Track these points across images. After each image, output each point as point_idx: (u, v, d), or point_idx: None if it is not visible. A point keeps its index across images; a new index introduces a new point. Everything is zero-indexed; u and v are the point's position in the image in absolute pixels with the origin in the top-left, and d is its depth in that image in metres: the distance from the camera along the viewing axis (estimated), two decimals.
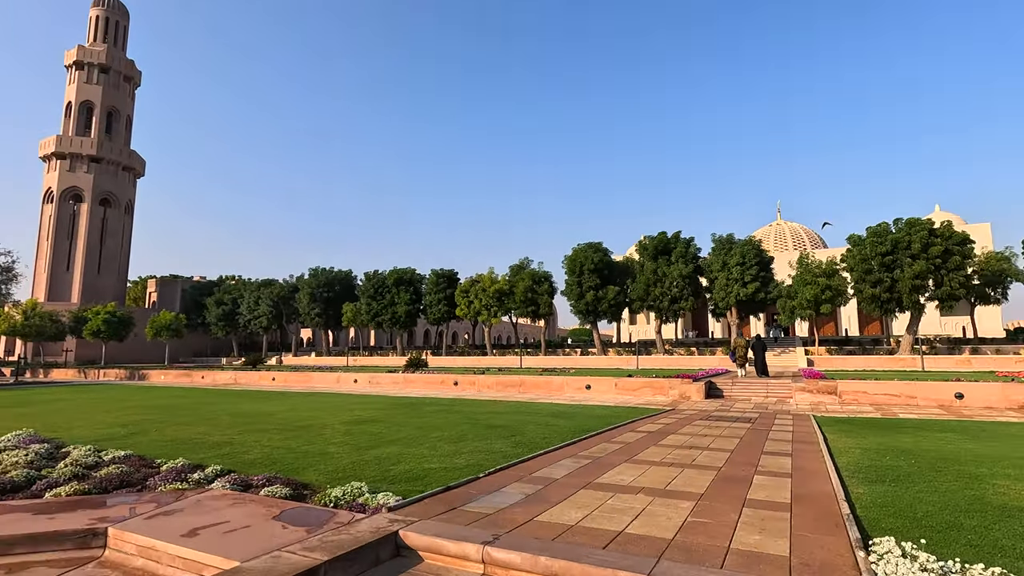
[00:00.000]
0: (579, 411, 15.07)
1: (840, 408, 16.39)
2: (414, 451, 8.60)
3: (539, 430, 10.95)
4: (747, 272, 44.66)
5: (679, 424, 12.21)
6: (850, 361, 41.11)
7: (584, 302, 51.71)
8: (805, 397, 18.14)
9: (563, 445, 9.03)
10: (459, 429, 11.09)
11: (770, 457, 7.97)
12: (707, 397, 19.75)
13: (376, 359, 63.05)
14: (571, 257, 53.32)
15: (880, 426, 11.92)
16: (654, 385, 20.48)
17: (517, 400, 19.02)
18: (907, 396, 16.82)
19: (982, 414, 14.43)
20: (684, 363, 45.39)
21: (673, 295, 48.32)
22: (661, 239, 50.16)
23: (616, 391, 21.10)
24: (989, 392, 15.90)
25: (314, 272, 70.85)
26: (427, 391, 23.85)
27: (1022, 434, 10.56)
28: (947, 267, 38.72)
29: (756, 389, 20.66)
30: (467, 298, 58.50)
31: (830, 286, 42.24)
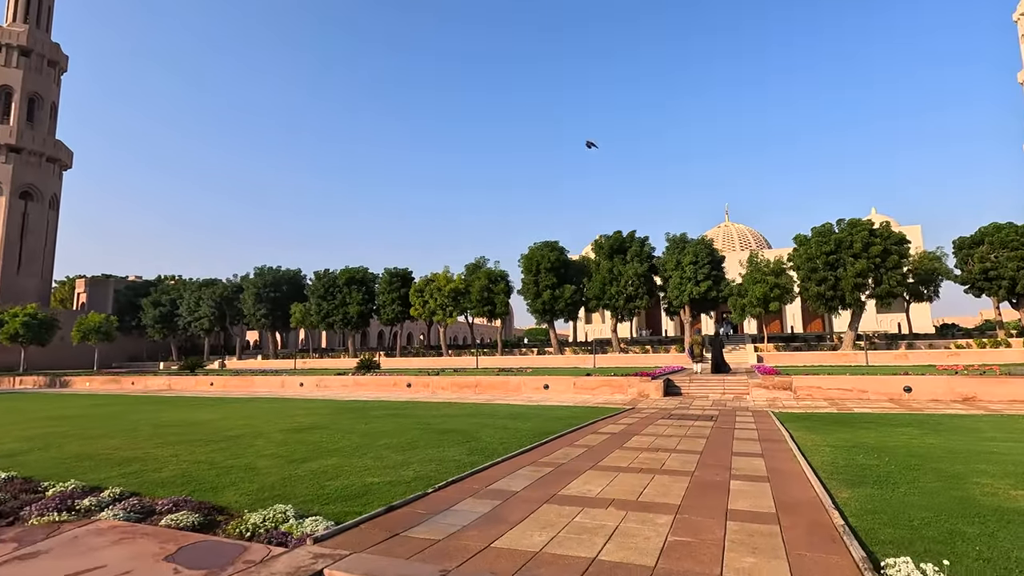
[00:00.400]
0: (538, 412, 14.41)
1: (796, 404, 16.40)
2: (356, 462, 7.67)
3: (496, 434, 10.20)
4: (700, 271, 45.38)
5: (642, 424, 11.72)
6: (797, 357, 42.36)
7: (541, 301, 51.37)
8: (761, 393, 18.15)
9: (522, 451, 8.30)
10: (409, 435, 10.19)
11: (742, 459, 7.49)
12: (666, 395, 19.52)
13: (327, 361, 60.74)
14: (527, 256, 52.90)
15: (840, 421, 11.78)
16: (612, 384, 20.09)
17: (473, 402, 18.20)
18: (859, 390, 17.02)
19: (930, 406, 14.65)
20: (640, 361, 45.69)
21: (629, 294, 48.59)
22: (617, 238, 50.40)
23: (574, 390, 20.61)
24: (935, 385, 16.25)
25: (260, 271, 67.69)
26: (378, 394, 22.69)
27: (976, 427, 10.58)
28: (886, 266, 40.43)
29: (713, 386, 20.60)
30: (422, 298, 57.16)
31: (778, 284, 43.42)
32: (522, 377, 22.16)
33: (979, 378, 15.95)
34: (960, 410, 13.81)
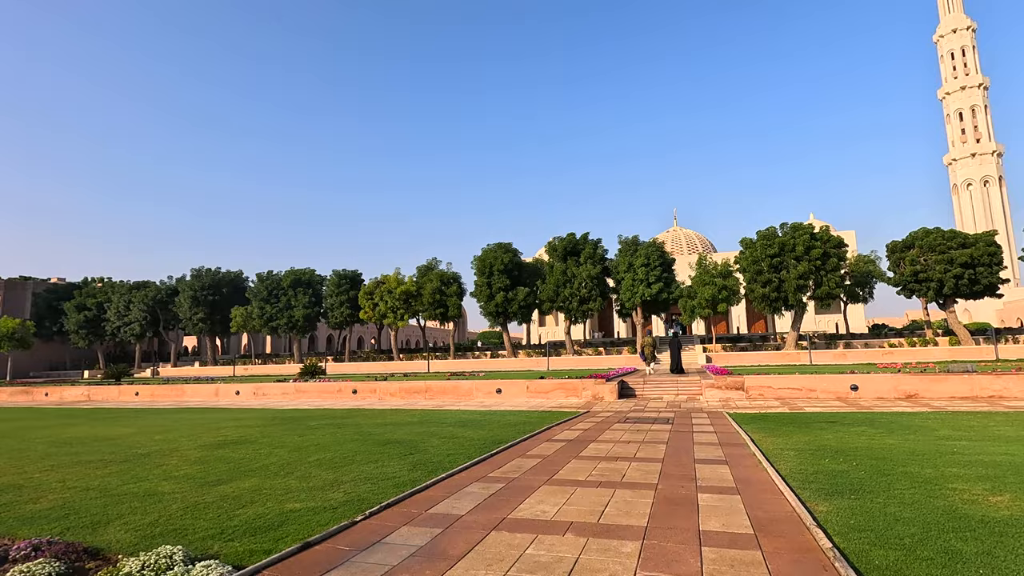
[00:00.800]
0: (490, 418, 13.66)
1: (749, 404, 16.34)
2: (279, 484, 6.69)
3: (443, 445, 9.38)
4: (652, 273, 45.83)
5: (598, 429, 11.17)
6: (744, 357, 43.38)
7: (494, 303, 50.66)
8: (715, 393, 18.06)
9: (471, 464, 7.53)
10: (346, 448, 9.23)
11: (706, 467, 6.99)
12: (620, 397, 19.18)
13: (271, 367, 57.90)
14: (481, 258, 52.10)
15: (795, 422, 11.61)
16: (567, 387, 19.59)
17: (422, 408, 17.26)
18: (807, 389, 17.16)
19: (877, 405, 14.84)
20: (593, 363, 45.69)
21: (582, 296, 48.57)
22: (570, 240, 50.34)
23: (528, 394, 19.98)
24: (880, 384, 16.54)
25: (197, 273, 63.93)
26: (321, 401, 21.35)
27: (927, 425, 10.58)
28: (826, 268, 41.95)
29: (667, 387, 20.44)
30: (372, 300, 55.36)
31: (726, 286, 44.37)
32: (474, 381, 21.35)
33: (921, 376, 16.34)
34: (906, 408, 14.00)
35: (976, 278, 39.16)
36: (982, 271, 39.18)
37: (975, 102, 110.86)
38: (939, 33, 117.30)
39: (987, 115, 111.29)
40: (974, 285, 39.42)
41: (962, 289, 39.56)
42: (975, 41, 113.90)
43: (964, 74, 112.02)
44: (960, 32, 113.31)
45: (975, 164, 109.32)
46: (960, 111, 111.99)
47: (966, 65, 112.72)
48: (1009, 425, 10.19)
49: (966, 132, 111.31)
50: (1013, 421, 10.79)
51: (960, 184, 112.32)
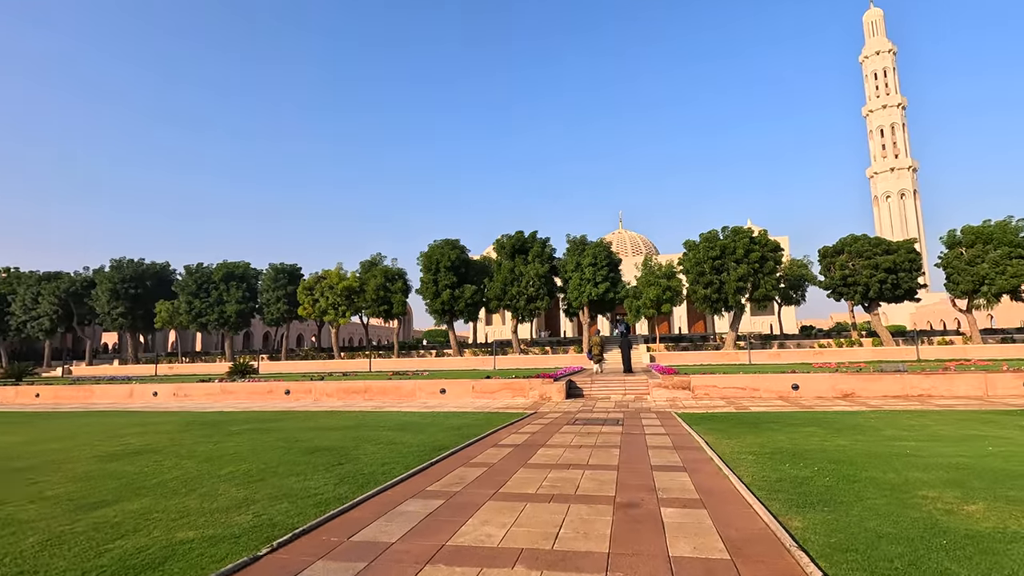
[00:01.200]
0: (432, 421, 12.81)
1: (696, 403, 16.26)
2: (175, 504, 5.64)
3: (378, 452, 8.48)
4: (599, 272, 46.08)
5: (547, 432, 10.57)
6: (686, 356, 44.33)
7: (440, 301, 49.56)
8: (662, 393, 17.93)
9: (408, 475, 6.71)
10: (266, 458, 8.17)
11: (665, 474, 6.49)
12: (568, 397, 18.76)
13: (199, 366, 54.33)
14: (427, 254, 50.86)
15: (745, 422, 11.44)
16: (513, 387, 18.97)
17: (360, 410, 16.16)
18: (751, 389, 17.30)
19: (818, 404, 15.05)
20: (540, 362, 45.46)
21: (530, 294, 48.26)
22: (518, 238, 49.93)
23: (473, 394, 19.22)
24: (820, 383, 16.87)
25: (117, 264, 59.21)
26: (249, 403, 19.77)
27: (870, 424, 10.62)
28: (763, 271, 43.47)
29: (614, 387, 20.20)
30: (311, 296, 52.96)
31: (670, 287, 45.22)
32: (417, 381, 20.38)
33: (856, 376, 16.78)
34: (846, 407, 14.23)
35: (898, 283, 41.62)
36: (903, 276, 41.69)
37: (895, 120, 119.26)
38: (864, 54, 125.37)
39: (904, 133, 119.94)
40: (896, 289, 41.89)
41: (886, 293, 41.96)
42: (895, 63, 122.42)
43: (885, 93, 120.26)
44: (883, 54, 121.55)
45: (894, 178, 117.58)
46: (881, 128, 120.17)
47: (887, 85, 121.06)
48: (946, 424, 10.35)
49: (886, 148, 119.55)
50: (947, 420, 11.01)
51: (880, 196, 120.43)
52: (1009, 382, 15.81)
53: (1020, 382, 15.71)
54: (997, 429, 9.49)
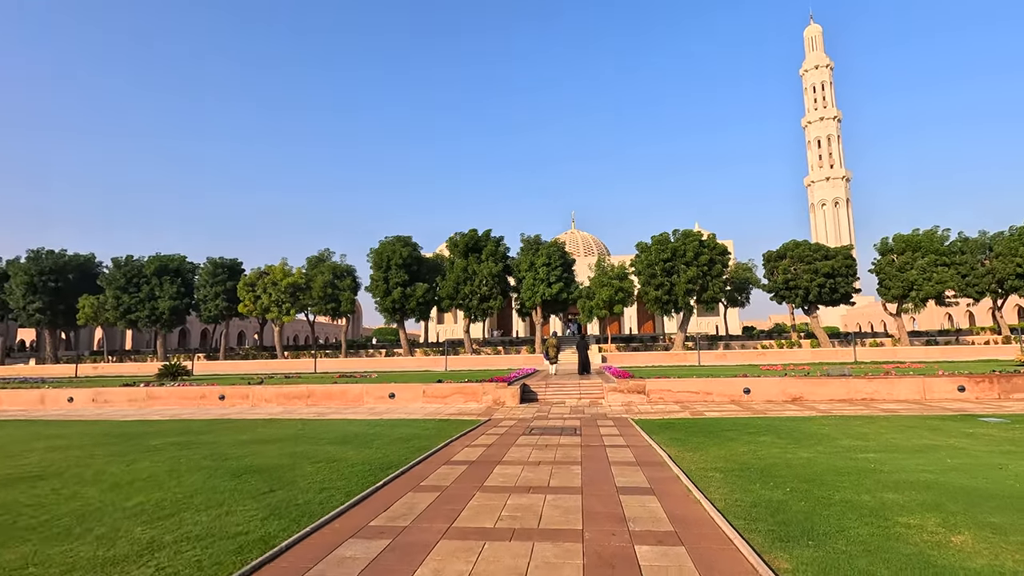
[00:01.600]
0: (379, 431, 11.99)
1: (651, 408, 16.11)
2: (59, 552, 4.67)
3: (318, 473, 7.65)
4: (552, 272, 45.95)
5: (503, 444, 9.99)
6: (637, 357, 44.84)
7: (391, 299, 48.18)
8: (617, 397, 17.71)
9: (349, 505, 5.96)
10: (186, 484, 7.19)
11: (632, 499, 6.02)
12: (522, 401, 18.26)
13: (128, 366, 50.66)
14: (378, 251, 49.33)
15: (703, 430, 11.24)
16: (466, 391, 18.30)
17: (301, 418, 15.08)
18: (704, 393, 17.33)
19: (769, 408, 15.17)
20: (492, 363, 44.89)
21: (483, 293, 47.62)
22: (472, 236, 49.15)
23: (424, 399, 18.42)
24: (769, 387, 17.08)
25: (35, 255, 54.52)
26: (179, 410, 18.23)
27: (824, 432, 10.62)
28: (712, 274, 44.50)
29: (569, 390, 19.86)
30: (253, 292, 50.36)
31: (623, 288, 45.62)
32: (365, 385, 19.37)
33: (804, 380, 17.08)
34: (796, 411, 14.38)
35: (836, 287, 43.52)
36: (840, 281, 43.64)
37: (831, 132, 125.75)
38: (804, 68, 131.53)
39: (839, 144, 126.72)
40: (834, 293, 43.80)
41: (824, 297, 43.79)
42: (832, 78, 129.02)
43: (823, 106, 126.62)
44: (820, 68, 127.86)
45: (829, 187, 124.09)
46: (819, 139, 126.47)
47: (825, 98, 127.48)
48: (896, 432, 10.46)
49: (823, 158, 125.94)
50: (896, 426, 11.17)
51: (817, 203, 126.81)
52: (944, 386, 16.47)
53: (954, 386, 16.39)
54: (946, 437, 9.62)
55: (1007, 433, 9.90)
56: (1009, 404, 14.91)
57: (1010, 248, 43.37)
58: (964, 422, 11.58)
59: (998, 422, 11.52)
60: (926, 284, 41.33)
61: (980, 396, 16.19)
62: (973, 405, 14.76)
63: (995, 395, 16.18)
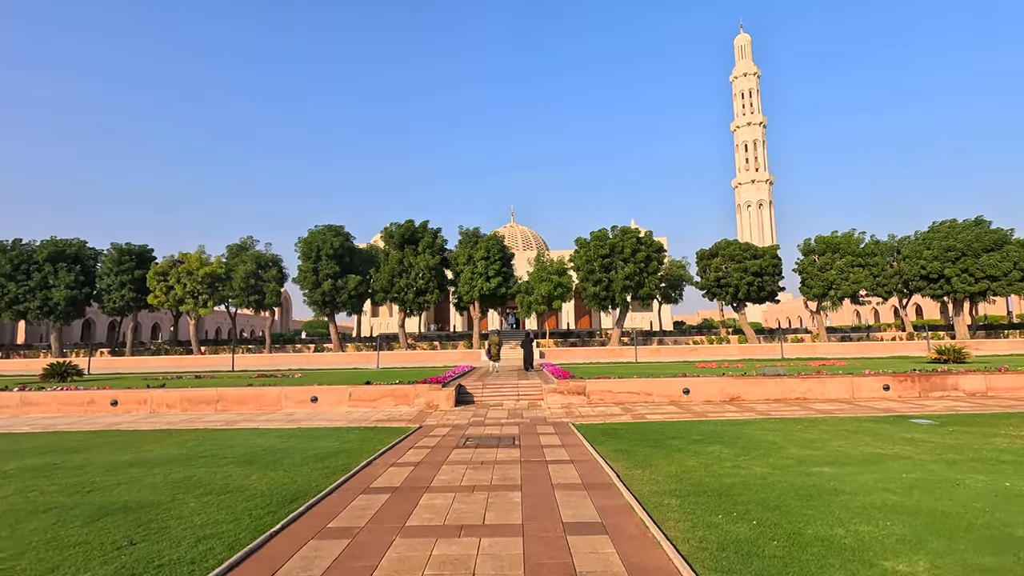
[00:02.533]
0: (293, 445, 10.56)
1: (591, 410, 15.49)
2: None
3: (203, 511, 6.26)
4: (491, 266, 45.00)
5: (432, 463, 8.89)
6: (575, 353, 44.78)
7: (320, 292, 45.63)
8: (557, 399, 17.00)
9: (231, 565, 4.69)
10: (19, 535, 5.59)
11: (582, 541, 5.11)
12: (458, 404, 17.19)
13: (15, 363, 45.18)
14: (307, 240, 46.56)
15: (647, 438, 10.63)
16: (396, 393, 16.99)
17: (204, 427, 13.28)
18: (645, 394, 16.93)
19: (709, 410, 14.92)
20: (428, 358, 43.46)
21: (419, 287, 45.99)
22: (408, 227, 47.33)
23: (351, 402, 16.94)
24: (708, 387, 16.91)
25: None
26: (59, 419, 15.79)
27: (769, 440, 10.27)
28: (648, 271, 45.08)
29: (507, 391, 18.97)
30: (165, 282, 46.22)
31: (562, 283, 45.37)
32: (284, 387, 17.61)
33: (741, 380, 17.04)
34: (736, 413, 14.16)
35: (763, 285, 45.22)
36: (767, 279, 45.38)
37: (756, 137, 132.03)
38: (734, 74, 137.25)
39: (764, 149, 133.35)
40: (761, 291, 45.51)
41: (752, 295, 45.41)
42: (759, 85, 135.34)
43: (751, 112, 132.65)
44: (749, 76, 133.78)
45: (754, 189, 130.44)
46: (746, 143, 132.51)
47: (752, 105, 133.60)
48: (840, 438, 10.26)
49: (749, 162, 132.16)
50: (837, 431, 11.02)
51: (743, 204, 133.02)
52: (870, 385, 16.90)
53: (879, 385, 16.85)
54: (890, 444, 9.45)
55: (943, 439, 9.88)
56: (930, 403, 15.42)
57: (915, 251, 46.66)
58: (898, 425, 11.63)
59: (928, 424, 11.65)
60: (843, 284, 43.74)
61: (903, 395, 16.72)
62: (899, 404, 15.13)
63: (916, 393, 16.77)
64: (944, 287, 44.91)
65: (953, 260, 44.22)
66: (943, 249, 44.61)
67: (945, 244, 44.64)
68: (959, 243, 43.99)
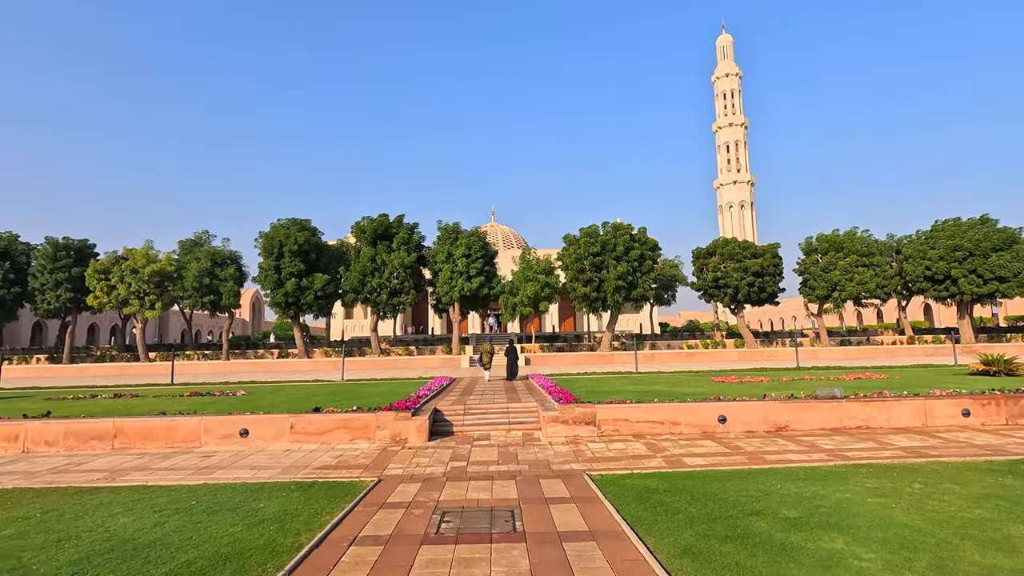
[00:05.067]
0: (187, 521, 6.73)
1: (607, 448, 11.93)
2: None
3: None
4: (472, 265, 41.24)
5: (392, 560, 5.18)
6: (563, 358, 41.25)
7: (284, 292, 41.29)
8: (558, 430, 13.40)
9: None
10: None
11: None
12: (432, 436, 13.46)
13: None
14: (269, 235, 42.14)
15: (712, 515, 7.09)
16: (353, 424, 13.18)
17: (67, 485, 9.32)
18: (670, 423, 13.44)
19: (762, 447, 11.53)
20: (402, 365, 39.50)
21: (393, 287, 41.98)
22: (381, 222, 43.24)
23: (292, 436, 13.08)
24: (748, 413, 13.51)
25: None
26: None
27: (892, 514, 6.81)
28: (642, 270, 41.79)
29: (494, 417, 15.28)
30: (107, 281, 41.37)
31: (549, 283, 41.85)
32: (206, 417, 13.57)
33: (789, 404, 13.68)
34: (800, 454, 10.74)
35: (764, 286, 42.32)
36: (768, 280, 42.49)
37: (738, 138, 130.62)
38: (715, 75, 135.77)
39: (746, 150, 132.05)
40: (761, 293, 42.61)
41: (752, 296, 42.48)
42: (741, 86, 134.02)
43: (732, 112, 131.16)
44: (731, 76, 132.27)
45: (736, 190, 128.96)
46: (727, 144, 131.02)
47: (734, 105, 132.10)
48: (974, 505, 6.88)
49: (731, 162, 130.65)
50: (966, 494, 7.63)
51: (725, 205, 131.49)
52: (946, 409, 13.68)
53: (957, 410, 13.64)
54: None
55: None
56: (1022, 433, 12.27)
57: (919, 251, 44.31)
58: None
59: None
60: (848, 285, 41.10)
61: (986, 422, 13.54)
62: (994, 437, 11.91)
63: (1003, 420, 13.60)
64: (950, 288, 42.64)
65: (960, 260, 41.94)
66: (949, 249, 42.32)
67: (951, 243, 42.35)
68: (967, 242, 41.73)
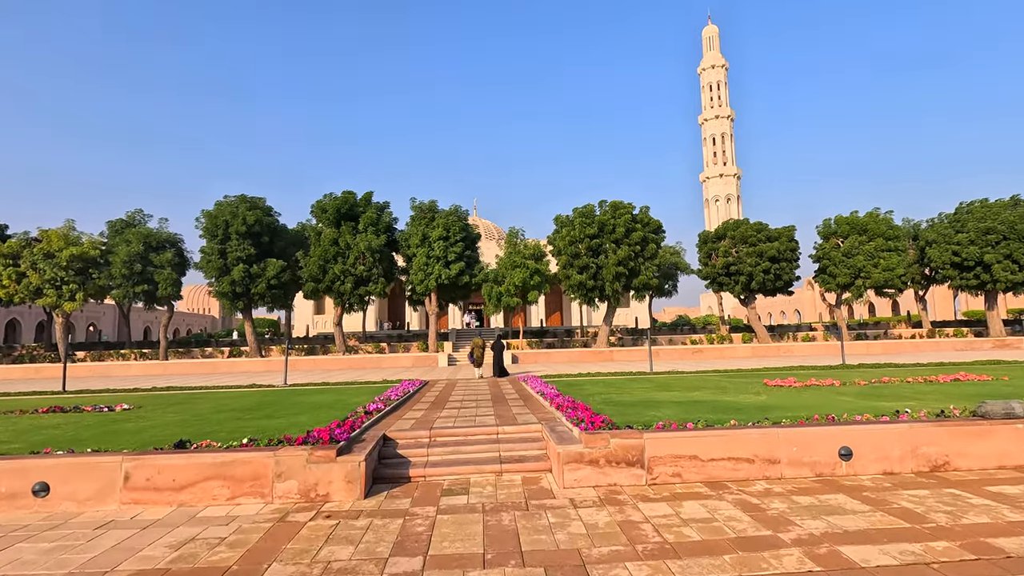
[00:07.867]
0: None
1: (673, 514, 6.70)
2: None
3: None
4: (452, 249, 35.74)
5: None
6: (555, 355, 36.11)
7: (230, 280, 35.31)
8: (584, 475, 8.13)
9: None
10: None
11: None
12: (374, 488, 8.11)
13: None
14: (212, 213, 36.07)
15: None
16: (235, 471, 7.74)
17: None
18: (764, 460, 8.28)
19: (903, 496, 6.46)
20: (369, 365, 33.93)
21: (359, 275, 36.29)
22: (346, 199, 37.41)
23: (126, 495, 7.60)
24: (886, 442, 8.41)
25: None
26: None
27: None
28: (644, 255, 36.80)
29: (478, 444, 9.95)
30: (16, 267, 34.99)
31: (539, 271, 36.60)
32: None
33: (945, 427, 8.62)
34: (1006, 522, 5.65)
35: (780, 273, 37.66)
36: (784, 266, 37.82)
37: (724, 130, 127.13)
38: (701, 67, 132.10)
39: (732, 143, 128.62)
40: (777, 281, 37.93)
41: (767, 284, 37.76)
42: (727, 78, 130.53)
43: (718, 105, 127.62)
44: (716, 68, 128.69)
45: (722, 183, 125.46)
46: (713, 136, 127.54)
47: (720, 97, 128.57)
48: None
49: (717, 155, 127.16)
50: None
51: (711, 199, 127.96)
52: None
53: None
54: None
55: None
56: None
57: (944, 235, 40.13)
58: None
59: None
60: (874, 271, 36.65)
61: None
62: None
63: None
64: (982, 276, 38.49)
65: (994, 244, 37.80)
66: (981, 232, 38.14)
67: (983, 226, 38.18)
68: (1000, 224, 37.58)
